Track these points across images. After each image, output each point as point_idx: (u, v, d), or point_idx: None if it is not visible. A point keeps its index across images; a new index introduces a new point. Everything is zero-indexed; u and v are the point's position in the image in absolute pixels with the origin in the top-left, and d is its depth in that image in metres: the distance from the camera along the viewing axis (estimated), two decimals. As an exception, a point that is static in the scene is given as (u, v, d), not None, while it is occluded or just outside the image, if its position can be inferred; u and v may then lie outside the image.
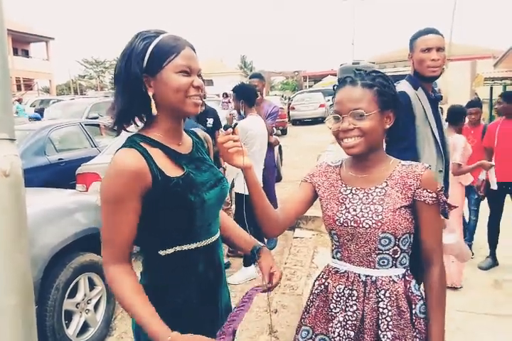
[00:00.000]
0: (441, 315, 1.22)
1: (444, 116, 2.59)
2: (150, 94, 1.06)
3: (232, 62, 44.35)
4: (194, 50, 1.11)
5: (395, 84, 1.37)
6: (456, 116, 3.39)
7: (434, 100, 2.07)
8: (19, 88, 25.60)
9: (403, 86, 2.00)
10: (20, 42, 29.44)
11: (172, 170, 1.08)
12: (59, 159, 5.32)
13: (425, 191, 1.19)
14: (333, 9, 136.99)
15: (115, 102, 1.09)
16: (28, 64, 29.06)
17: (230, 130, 1.11)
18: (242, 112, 3.66)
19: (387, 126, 1.25)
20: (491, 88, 12.74)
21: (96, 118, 9.81)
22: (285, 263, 3.72)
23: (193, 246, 1.12)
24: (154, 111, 1.08)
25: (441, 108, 2.29)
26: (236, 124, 1.20)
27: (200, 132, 1.33)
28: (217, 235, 1.21)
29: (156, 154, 1.07)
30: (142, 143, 1.07)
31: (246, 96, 3.58)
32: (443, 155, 2.06)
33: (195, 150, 1.20)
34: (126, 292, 1.03)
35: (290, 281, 3.36)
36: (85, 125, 6.26)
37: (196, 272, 1.14)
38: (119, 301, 1.04)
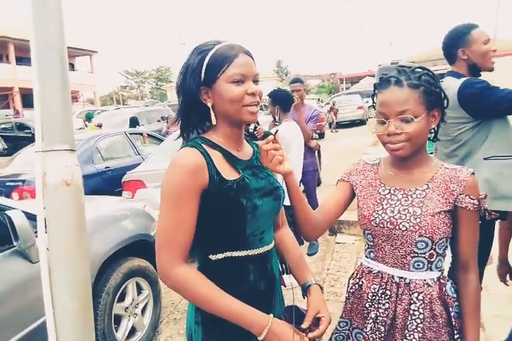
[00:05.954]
0: (477, 320, 1.19)
1: None
2: (209, 104, 1.10)
3: (266, 67, 44.61)
4: (250, 55, 1.12)
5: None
6: None
7: None
8: (66, 100, 26.90)
9: (458, 80, 1.96)
10: (67, 56, 31.00)
11: (228, 173, 1.09)
12: (106, 167, 5.51)
13: (468, 197, 1.15)
14: (369, 9, 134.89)
15: (179, 115, 1.15)
16: (74, 77, 30.52)
17: (271, 137, 1.10)
18: (276, 118, 3.61)
19: (433, 126, 1.20)
20: (542, 84, 12.04)
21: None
22: (327, 270, 3.66)
23: (243, 253, 1.11)
24: (214, 121, 1.11)
25: None
26: (277, 131, 1.19)
27: None
28: (271, 245, 1.19)
29: (215, 156, 1.10)
30: (203, 145, 1.10)
31: (281, 101, 3.53)
32: None
33: (254, 158, 1.20)
34: (213, 290, 1.03)
35: (333, 288, 3.29)
36: (129, 134, 6.47)
37: (247, 281, 1.12)
38: (202, 301, 1.03)
